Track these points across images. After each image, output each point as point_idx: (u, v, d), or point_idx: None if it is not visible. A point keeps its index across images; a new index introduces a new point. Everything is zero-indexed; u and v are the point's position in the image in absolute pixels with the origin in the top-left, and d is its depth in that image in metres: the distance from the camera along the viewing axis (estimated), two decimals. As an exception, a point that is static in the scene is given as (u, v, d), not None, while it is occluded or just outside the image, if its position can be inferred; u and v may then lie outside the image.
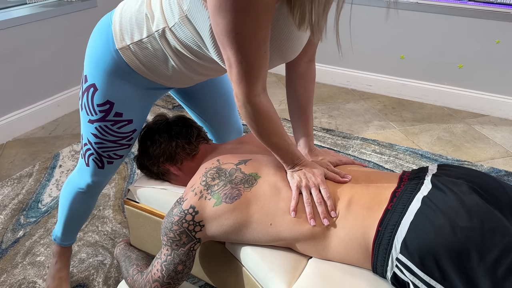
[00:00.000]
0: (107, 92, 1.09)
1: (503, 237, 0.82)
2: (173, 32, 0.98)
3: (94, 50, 1.09)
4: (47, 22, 2.60)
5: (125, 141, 1.19)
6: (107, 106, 1.11)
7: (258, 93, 0.94)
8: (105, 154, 1.19)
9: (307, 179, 1.01)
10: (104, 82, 1.09)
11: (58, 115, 2.79)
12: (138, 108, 1.16)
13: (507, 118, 2.73)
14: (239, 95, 0.94)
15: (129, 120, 1.15)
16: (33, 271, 1.61)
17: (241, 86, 0.92)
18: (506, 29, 2.57)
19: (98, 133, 1.15)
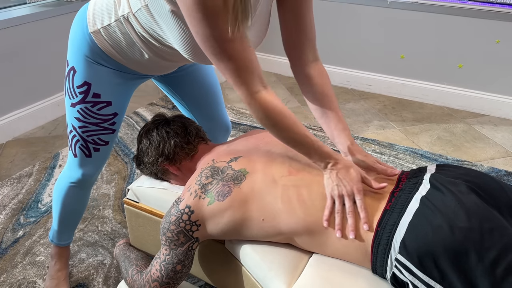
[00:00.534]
0: (85, 73, 1.14)
1: (501, 237, 0.82)
2: (136, 17, 1.01)
3: (73, 35, 1.15)
4: (47, 22, 2.60)
5: (107, 124, 1.20)
6: (85, 87, 1.15)
7: (258, 90, 0.94)
8: (90, 139, 1.21)
9: (342, 187, 0.96)
10: (81, 63, 1.14)
11: (58, 115, 2.79)
12: (115, 91, 1.18)
13: (507, 118, 2.73)
14: (242, 97, 0.94)
15: (108, 102, 1.17)
16: (33, 271, 1.61)
17: (241, 88, 0.93)
18: (506, 29, 2.57)
19: (81, 116, 1.18)
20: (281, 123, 0.96)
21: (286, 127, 0.97)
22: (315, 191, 1.01)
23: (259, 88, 0.94)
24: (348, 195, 0.96)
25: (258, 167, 1.06)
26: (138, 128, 2.61)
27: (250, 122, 2.67)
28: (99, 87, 1.15)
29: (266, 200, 1.01)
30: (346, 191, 0.96)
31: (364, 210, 0.94)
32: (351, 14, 2.98)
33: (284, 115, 0.96)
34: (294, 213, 0.99)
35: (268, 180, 1.03)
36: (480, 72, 2.73)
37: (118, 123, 1.23)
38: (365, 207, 0.94)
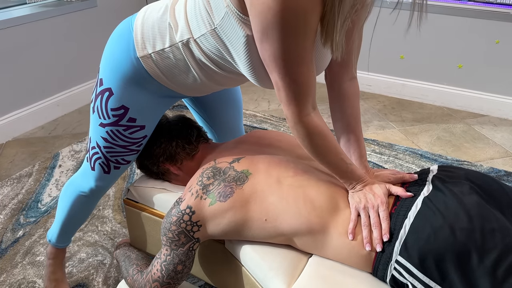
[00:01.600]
0: (123, 97, 1.08)
1: (503, 238, 0.82)
2: (197, 43, 0.97)
3: (113, 55, 1.08)
4: (47, 22, 2.60)
5: (135, 146, 1.17)
6: (121, 111, 1.10)
7: (308, 113, 0.92)
8: (113, 159, 1.18)
9: (367, 200, 0.96)
10: (121, 87, 1.07)
11: (57, 115, 2.79)
12: (152, 115, 1.14)
13: (507, 118, 2.73)
14: (289, 116, 0.92)
15: (142, 126, 1.14)
16: (32, 270, 1.61)
17: (291, 108, 0.91)
18: (505, 29, 2.57)
19: (109, 137, 1.14)
20: (322, 146, 0.95)
21: (326, 151, 0.96)
22: (322, 191, 1.01)
23: (310, 110, 0.92)
24: (373, 206, 0.95)
25: (261, 168, 1.06)
26: (138, 128, 2.61)
27: (250, 122, 2.67)
28: (136, 112, 1.10)
29: (269, 201, 1.01)
30: (372, 203, 0.95)
31: (386, 220, 0.93)
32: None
33: (327, 140, 0.95)
34: (299, 214, 0.99)
35: (271, 181, 1.03)
36: (480, 72, 2.73)
37: (144, 144, 1.20)
38: (386, 217, 0.93)
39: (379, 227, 0.93)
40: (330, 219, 0.98)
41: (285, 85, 0.88)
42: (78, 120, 2.75)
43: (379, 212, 0.94)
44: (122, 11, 3.07)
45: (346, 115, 1.09)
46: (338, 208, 0.99)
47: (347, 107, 1.09)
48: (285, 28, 0.79)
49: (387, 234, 0.91)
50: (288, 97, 0.89)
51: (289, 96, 0.89)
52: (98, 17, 2.92)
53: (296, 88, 0.88)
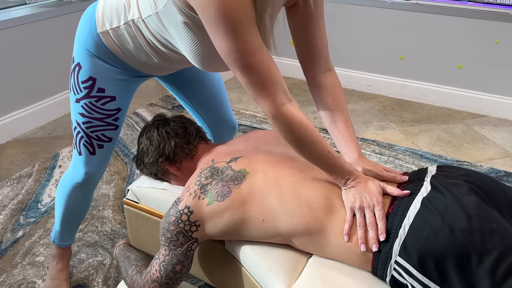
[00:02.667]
0: (90, 68, 1.16)
1: (502, 239, 0.82)
2: (145, 23, 1.03)
3: (80, 32, 1.17)
4: (47, 22, 2.60)
5: (110, 119, 1.22)
6: (90, 82, 1.17)
7: (283, 103, 0.92)
8: (93, 135, 1.23)
9: (362, 199, 0.95)
10: (87, 60, 1.16)
11: (57, 115, 2.79)
12: (119, 87, 1.20)
13: (507, 118, 2.73)
14: (266, 111, 0.93)
15: (112, 97, 1.19)
16: (32, 271, 1.61)
17: (263, 100, 0.92)
18: (505, 29, 2.57)
19: (85, 112, 1.20)
20: (305, 138, 0.95)
21: (310, 143, 0.96)
22: (319, 191, 1.00)
23: (284, 101, 0.93)
24: (369, 206, 0.95)
25: (259, 168, 1.06)
26: (138, 129, 2.61)
27: (250, 122, 2.67)
28: (103, 82, 1.17)
29: (266, 201, 1.01)
30: (367, 203, 0.95)
31: (382, 220, 0.92)
32: (351, 15, 2.98)
33: (309, 131, 0.95)
34: (295, 215, 0.99)
35: (268, 181, 1.03)
36: (480, 72, 2.73)
37: (121, 119, 1.24)
38: (383, 217, 0.93)
39: (375, 227, 0.92)
40: (327, 219, 0.98)
41: (250, 78, 0.90)
42: (78, 120, 2.75)
43: (375, 212, 0.94)
44: (122, 12, 3.07)
45: (328, 104, 1.11)
46: (334, 208, 0.99)
47: (326, 96, 1.11)
48: (229, 22, 0.83)
49: (384, 234, 0.91)
50: (257, 90, 0.91)
51: (257, 89, 0.91)
52: (98, 17, 2.91)
53: (261, 78, 0.89)
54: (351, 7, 2.95)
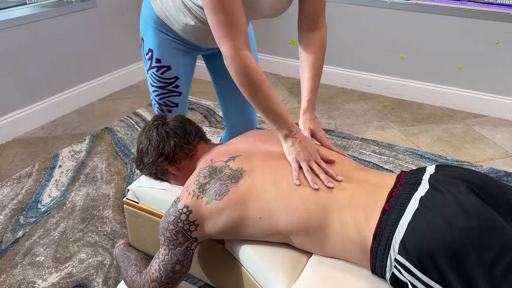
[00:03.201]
0: (148, 41, 1.33)
1: (500, 237, 0.82)
2: None
3: (142, 8, 1.34)
4: (47, 22, 2.60)
5: (171, 87, 1.38)
6: (150, 54, 1.34)
7: (242, 47, 1.03)
8: (161, 101, 1.40)
9: (307, 153, 1.05)
10: (146, 33, 1.33)
11: (57, 115, 2.79)
12: (173, 57, 1.34)
13: (507, 118, 2.73)
14: (225, 52, 1.04)
15: (168, 66, 1.34)
16: (32, 271, 1.61)
17: (225, 42, 1.03)
18: (505, 29, 2.57)
19: (151, 80, 1.38)
20: (257, 83, 1.05)
21: (260, 88, 1.05)
22: None
23: (244, 46, 1.03)
24: (315, 159, 1.05)
25: (256, 166, 1.06)
26: (138, 129, 2.61)
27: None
28: (159, 53, 1.32)
29: (263, 199, 1.01)
30: (310, 158, 1.05)
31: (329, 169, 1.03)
32: (351, 15, 2.98)
33: (262, 78, 1.06)
34: (291, 211, 0.99)
35: (265, 179, 1.03)
36: (480, 72, 2.73)
37: (182, 86, 1.39)
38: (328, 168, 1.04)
39: (323, 172, 1.03)
40: (324, 215, 0.98)
41: (218, 18, 1.01)
42: (78, 120, 2.75)
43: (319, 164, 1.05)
44: (122, 12, 3.08)
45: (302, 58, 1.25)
46: (331, 205, 0.99)
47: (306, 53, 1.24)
48: None
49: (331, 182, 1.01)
50: (222, 30, 1.02)
51: (222, 28, 1.02)
52: (98, 17, 2.92)
53: (227, 19, 1.01)
54: (351, 7, 2.95)
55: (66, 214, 1.90)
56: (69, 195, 2.02)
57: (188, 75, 1.41)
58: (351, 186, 1.01)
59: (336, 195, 1.00)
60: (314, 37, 1.24)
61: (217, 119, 2.74)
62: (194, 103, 2.95)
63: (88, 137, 2.53)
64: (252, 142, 1.17)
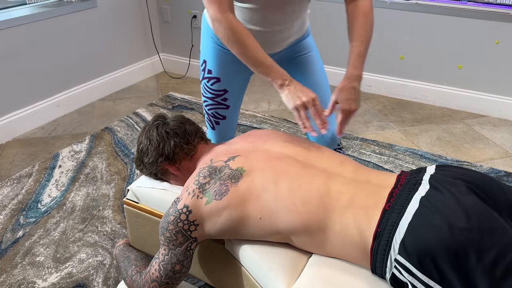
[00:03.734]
0: (203, 52, 1.38)
1: (501, 238, 0.82)
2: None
3: (202, 22, 1.40)
4: (47, 22, 2.60)
5: (219, 99, 1.41)
6: (204, 65, 1.39)
7: (227, 10, 1.11)
8: (210, 112, 1.44)
9: (302, 96, 1.11)
10: (203, 44, 1.38)
11: (57, 115, 2.79)
12: (224, 69, 1.37)
13: (507, 118, 2.73)
14: (212, 14, 1.12)
15: (217, 78, 1.38)
16: (32, 271, 1.61)
17: (212, 6, 1.11)
18: (505, 29, 2.57)
19: (203, 91, 1.42)
20: (245, 40, 1.12)
21: (249, 45, 1.12)
22: (313, 188, 1.01)
23: (228, 9, 1.12)
24: (308, 101, 1.11)
25: (256, 166, 1.06)
26: (138, 129, 2.61)
27: (250, 122, 2.67)
28: (211, 64, 1.37)
29: (263, 198, 1.01)
30: (307, 99, 1.11)
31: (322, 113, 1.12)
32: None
33: (248, 35, 1.12)
34: (291, 211, 0.99)
35: (265, 179, 1.03)
36: (480, 72, 2.73)
37: (230, 99, 1.42)
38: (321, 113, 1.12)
39: (319, 117, 1.11)
40: (324, 215, 0.98)
41: None
42: (78, 120, 2.75)
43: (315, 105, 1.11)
44: (122, 11, 3.08)
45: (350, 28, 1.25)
46: (332, 204, 0.99)
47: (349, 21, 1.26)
48: None
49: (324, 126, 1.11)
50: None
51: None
52: (98, 17, 2.92)
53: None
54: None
55: (66, 214, 1.90)
56: (69, 195, 2.02)
57: (239, 91, 1.44)
58: (351, 187, 1.01)
59: (337, 196, 1.00)
60: (356, 6, 1.24)
61: (217, 119, 2.74)
62: (194, 103, 2.95)
63: (88, 137, 2.53)
64: (252, 142, 1.17)
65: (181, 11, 3.24)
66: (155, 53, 3.45)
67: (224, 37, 1.13)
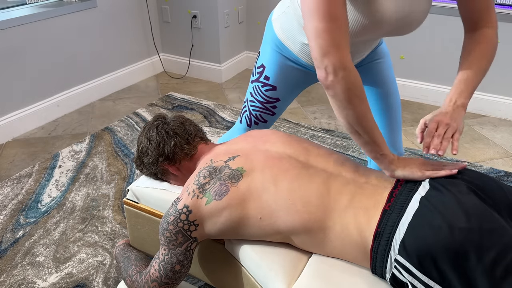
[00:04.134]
0: (264, 57, 1.33)
1: (501, 238, 0.82)
2: (297, 0, 1.12)
3: (267, 24, 1.34)
4: (47, 22, 2.60)
5: (269, 106, 1.38)
6: (261, 69, 1.34)
7: (350, 58, 0.91)
8: (254, 113, 1.41)
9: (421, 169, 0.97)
10: (264, 49, 1.33)
11: (57, 115, 2.79)
12: (282, 79, 1.32)
13: (507, 118, 2.73)
14: (334, 64, 0.90)
15: (273, 86, 1.33)
16: (32, 271, 1.61)
17: (333, 52, 0.89)
18: (505, 30, 2.57)
19: (253, 92, 1.38)
20: (363, 103, 0.94)
21: (366, 110, 0.95)
22: (313, 188, 1.01)
23: (350, 57, 0.92)
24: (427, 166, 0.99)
25: (256, 166, 1.06)
26: (137, 129, 2.61)
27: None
28: (270, 71, 1.32)
29: (263, 199, 1.01)
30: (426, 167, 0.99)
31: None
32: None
33: (366, 97, 0.95)
34: (291, 211, 0.99)
35: (265, 179, 1.03)
36: (480, 72, 2.73)
37: (279, 108, 1.39)
38: None
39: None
40: (324, 215, 0.98)
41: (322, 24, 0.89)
42: (78, 120, 2.75)
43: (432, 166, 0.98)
44: (121, 12, 3.08)
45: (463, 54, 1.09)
46: (332, 204, 0.99)
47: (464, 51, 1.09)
48: None
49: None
50: (328, 39, 0.89)
51: (328, 37, 0.89)
52: (98, 17, 2.92)
53: (331, 26, 0.89)
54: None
55: (66, 214, 1.90)
56: (69, 195, 2.02)
57: (289, 101, 1.40)
58: (352, 187, 1.01)
59: (337, 196, 1.00)
60: (473, 37, 1.08)
61: (217, 119, 2.74)
62: (194, 103, 2.95)
63: (88, 137, 2.53)
64: (252, 142, 1.17)
65: (181, 11, 3.24)
66: (155, 53, 3.45)
67: (343, 94, 0.92)
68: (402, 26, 1.04)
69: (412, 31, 1.08)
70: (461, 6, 1.08)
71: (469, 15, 1.08)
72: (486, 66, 1.06)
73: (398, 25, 1.03)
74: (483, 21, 1.08)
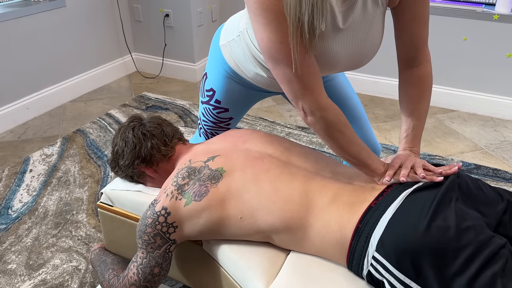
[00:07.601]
0: (212, 80, 1.29)
1: (477, 235, 0.83)
2: (248, 33, 1.10)
3: (212, 44, 1.30)
4: (13, 22, 2.53)
5: (223, 125, 1.37)
6: (211, 92, 1.31)
7: (326, 96, 0.93)
8: (209, 131, 1.40)
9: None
10: (212, 72, 1.29)
11: (27, 118, 2.71)
12: (234, 101, 1.30)
13: (475, 113, 2.81)
14: (308, 107, 0.92)
15: (226, 109, 1.32)
16: (4, 279, 1.56)
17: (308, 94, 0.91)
18: (473, 26, 2.64)
19: (205, 113, 1.37)
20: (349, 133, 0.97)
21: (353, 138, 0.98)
22: (295, 187, 1.01)
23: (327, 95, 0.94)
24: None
25: (236, 166, 1.06)
26: (111, 130, 2.57)
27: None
28: (221, 95, 1.29)
29: (244, 198, 1.01)
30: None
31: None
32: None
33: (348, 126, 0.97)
34: (272, 209, 0.99)
35: (246, 178, 1.03)
36: (449, 68, 2.80)
37: (233, 123, 1.39)
38: None
39: None
40: (305, 213, 0.98)
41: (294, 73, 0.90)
42: (49, 123, 2.68)
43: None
44: (91, 11, 3.02)
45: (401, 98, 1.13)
46: (312, 202, 0.99)
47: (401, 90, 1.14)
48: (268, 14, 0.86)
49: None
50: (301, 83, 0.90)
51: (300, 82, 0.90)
52: (68, 17, 2.85)
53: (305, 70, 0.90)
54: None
55: (39, 219, 1.85)
56: (41, 200, 1.97)
57: (243, 114, 1.38)
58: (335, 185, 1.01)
59: (320, 193, 1.00)
60: (411, 75, 1.12)
61: (192, 118, 2.72)
62: (169, 103, 2.92)
63: (60, 140, 2.47)
64: (231, 142, 1.17)
65: (153, 10, 3.20)
66: (127, 53, 3.40)
67: (324, 133, 0.96)
68: (354, 66, 1.06)
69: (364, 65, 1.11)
70: (400, 43, 1.08)
71: (407, 52, 1.09)
72: (426, 107, 1.10)
73: (350, 66, 1.06)
74: (419, 57, 1.09)
